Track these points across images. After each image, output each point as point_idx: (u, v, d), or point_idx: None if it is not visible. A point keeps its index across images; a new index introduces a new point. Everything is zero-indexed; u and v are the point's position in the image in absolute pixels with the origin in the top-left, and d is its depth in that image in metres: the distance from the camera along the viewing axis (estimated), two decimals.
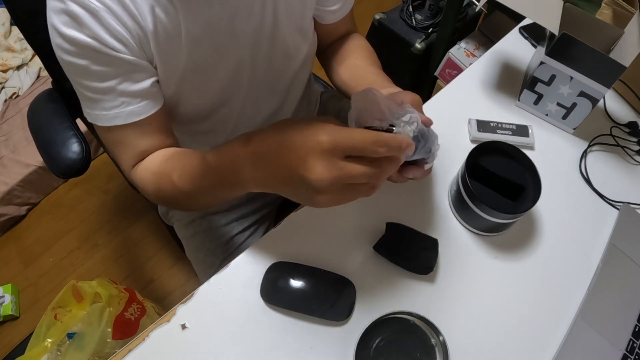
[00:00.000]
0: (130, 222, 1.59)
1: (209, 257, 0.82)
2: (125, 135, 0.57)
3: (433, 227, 0.64)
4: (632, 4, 0.75)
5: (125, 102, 0.54)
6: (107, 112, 0.55)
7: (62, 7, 0.48)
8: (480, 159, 0.62)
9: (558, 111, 0.74)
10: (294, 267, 0.58)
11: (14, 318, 1.42)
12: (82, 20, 0.48)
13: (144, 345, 0.54)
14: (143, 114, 0.56)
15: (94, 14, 0.48)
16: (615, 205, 0.68)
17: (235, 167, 0.47)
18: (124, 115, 0.55)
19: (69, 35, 0.49)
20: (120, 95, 0.54)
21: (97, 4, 0.48)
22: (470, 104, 0.77)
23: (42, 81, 1.73)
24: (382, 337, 0.54)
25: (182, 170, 0.54)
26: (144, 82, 0.55)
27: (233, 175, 0.48)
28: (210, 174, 0.50)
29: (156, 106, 0.57)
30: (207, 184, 0.51)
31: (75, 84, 0.55)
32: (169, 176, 0.55)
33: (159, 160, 0.58)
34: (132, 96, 0.54)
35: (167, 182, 0.55)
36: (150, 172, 0.58)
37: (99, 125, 0.56)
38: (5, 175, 1.52)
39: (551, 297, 0.60)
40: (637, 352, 0.56)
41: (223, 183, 0.50)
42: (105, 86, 0.53)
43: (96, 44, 0.49)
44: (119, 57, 0.51)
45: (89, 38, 0.49)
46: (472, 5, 1.60)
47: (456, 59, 1.49)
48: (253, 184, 0.47)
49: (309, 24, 0.68)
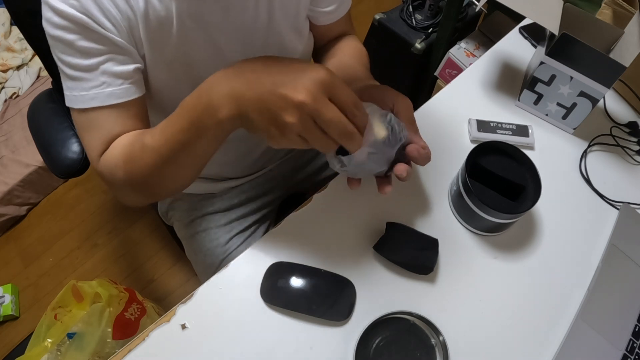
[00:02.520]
0: (130, 222, 1.59)
1: (209, 257, 0.82)
2: (101, 118, 0.55)
3: (433, 227, 0.64)
4: (632, 4, 0.75)
5: (106, 82, 0.53)
6: (87, 92, 0.53)
7: None
8: (480, 159, 0.62)
9: (558, 111, 0.74)
10: (294, 267, 0.58)
11: (14, 318, 1.42)
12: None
13: (144, 345, 0.54)
14: (122, 97, 0.54)
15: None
16: (615, 205, 0.68)
17: (210, 88, 0.45)
18: (103, 97, 0.53)
19: (60, 9, 0.49)
20: (102, 74, 0.53)
21: None
22: (470, 104, 0.77)
23: (42, 81, 1.73)
24: (382, 337, 0.54)
25: (155, 130, 0.51)
26: (128, 65, 0.54)
27: (208, 100, 0.45)
28: (184, 116, 0.48)
29: (137, 93, 0.56)
30: (182, 134, 0.48)
31: (59, 62, 0.54)
32: (141, 141, 0.52)
33: (130, 135, 0.55)
34: (114, 76, 0.53)
35: (139, 150, 0.52)
36: (119, 148, 0.54)
37: (76, 107, 0.55)
38: (5, 175, 1.52)
39: (551, 297, 0.60)
40: (637, 352, 0.56)
41: (200, 123, 0.46)
42: (88, 63, 0.52)
43: (86, 19, 0.49)
44: (106, 36, 0.51)
45: (80, 13, 0.49)
46: (472, 5, 1.60)
47: (456, 59, 1.49)
48: (226, 102, 0.44)
49: (304, 23, 0.68)
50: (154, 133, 0.51)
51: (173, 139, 0.49)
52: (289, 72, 0.42)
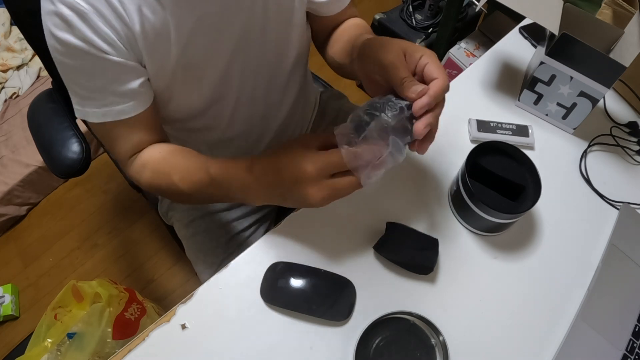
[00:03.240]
0: (130, 222, 1.59)
1: (209, 257, 0.82)
2: (117, 130, 0.59)
3: (433, 227, 0.64)
4: (632, 4, 0.75)
5: (114, 101, 0.56)
6: (97, 109, 0.56)
7: (53, 9, 0.49)
8: (480, 159, 0.62)
9: (558, 111, 0.74)
10: (294, 267, 0.58)
11: (14, 318, 1.42)
12: (71, 23, 0.50)
13: (144, 345, 0.54)
14: (132, 112, 0.57)
15: (83, 16, 0.49)
16: (615, 205, 0.68)
17: (242, 188, 0.54)
18: (113, 114, 0.57)
19: (60, 37, 0.51)
20: (109, 95, 0.55)
21: (85, 6, 0.49)
22: (470, 104, 0.77)
23: (42, 81, 1.73)
24: (382, 337, 0.54)
25: (184, 174, 0.58)
26: (133, 82, 0.56)
27: (239, 193, 0.55)
28: (215, 186, 0.56)
29: (145, 104, 0.59)
30: (210, 192, 0.57)
31: (67, 82, 0.57)
32: (168, 175, 0.59)
33: (157, 157, 0.61)
34: (121, 96, 0.56)
35: (167, 180, 0.59)
36: (148, 170, 0.61)
37: (89, 121, 0.58)
38: (5, 175, 1.52)
39: (551, 297, 0.60)
40: (637, 352, 0.56)
41: (227, 196, 0.57)
42: (95, 85, 0.55)
43: (85, 46, 0.51)
44: (107, 59, 0.52)
45: (79, 40, 0.50)
46: (472, 5, 1.60)
47: (456, 59, 1.49)
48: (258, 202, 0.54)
49: (301, 18, 0.67)
50: (184, 177, 0.58)
51: (201, 191, 0.57)
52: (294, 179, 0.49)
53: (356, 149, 0.46)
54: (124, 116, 0.57)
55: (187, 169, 0.58)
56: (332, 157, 0.47)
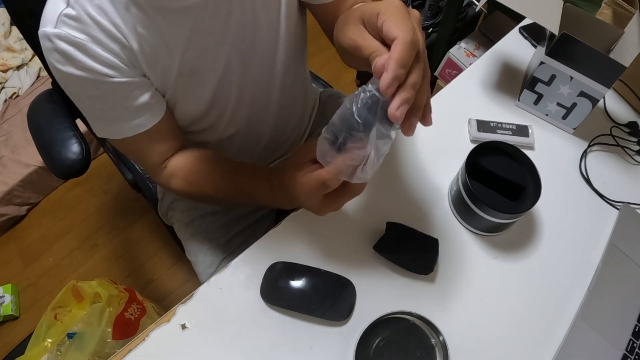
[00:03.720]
0: (130, 222, 1.59)
1: (209, 257, 0.82)
2: (139, 144, 0.61)
3: (433, 227, 0.64)
4: (632, 4, 0.75)
5: (130, 117, 0.58)
6: (115, 127, 0.58)
7: (52, 46, 0.51)
8: (480, 159, 0.62)
9: (558, 111, 0.74)
10: (294, 267, 0.58)
11: (14, 318, 1.42)
12: (71, 56, 0.51)
13: (144, 345, 0.54)
14: (149, 124, 0.59)
15: (80, 47, 0.51)
16: (615, 205, 0.68)
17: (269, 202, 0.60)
18: (132, 128, 0.59)
19: (64, 71, 0.52)
20: (123, 112, 0.57)
21: (81, 36, 0.51)
22: (470, 104, 0.77)
23: (42, 81, 1.73)
24: (382, 337, 0.54)
25: (216, 187, 0.63)
26: (143, 96, 0.57)
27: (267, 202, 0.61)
28: (244, 196, 0.62)
29: (160, 114, 0.61)
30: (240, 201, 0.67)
31: (82, 108, 0.58)
32: (201, 188, 0.64)
33: (185, 167, 0.64)
34: (135, 111, 0.57)
35: (200, 192, 0.65)
36: (178, 179, 0.65)
37: (109, 139, 0.60)
38: (5, 175, 1.52)
39: (551, 297, 0.60)
40: (637, 352, 0.56)
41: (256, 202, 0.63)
42: (108, 107, 0.57)
43: (89, 75, 0.52)
44: (113, 82, 0.54)
45: (81, 71, 0.52)
46: (472, 5, 1.60)
47: (456, 59, 1.49)
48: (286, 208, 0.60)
49: (292, 12, 0.67)
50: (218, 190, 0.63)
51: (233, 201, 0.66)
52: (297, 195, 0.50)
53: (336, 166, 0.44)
54: (143, 129, 0.59)
55: (216, 184, 0.63)
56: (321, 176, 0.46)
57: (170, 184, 0.65)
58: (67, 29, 0.50)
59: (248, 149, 0.81)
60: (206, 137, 0.75)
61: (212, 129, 0.72)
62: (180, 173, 0.64)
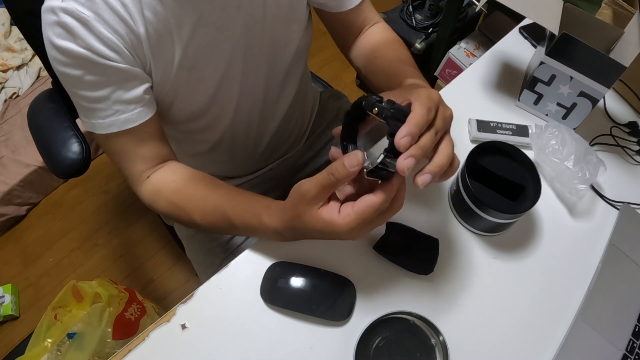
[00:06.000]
0: (130, 222, 1.59)
1: (209, 257, 0.82)
2: (123, 143, 0.59)
3: (433, 227, 0.64)
4: (632, 4, 0.75)
5: (119, 110, 0.56)
6: (103, 120, 0.56)
7: (55, 19, 0.49)
8: (480, 159, 0.62)
9: (558, 111, 0.74)
10: (294, 267, 0.58)
11: (14, 318, 1.42)
12: (74, 31, 0.49)
13: (144, 345, 0.54)
14: (137, 120, 0.57)
15: (85, 23, 0.49)
16: (615, 205, 0.68)
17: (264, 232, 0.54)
18: (119, 123, 0.56)
19: (63, 47, 0.50)
20: (114, 103, 0.55)
21: (88, 13, 0.49)
22: (470, 104, 0.77)
23: (42, 81, 1.73)
24: (382, 337, 0.54)
25: (204, 215, 0.57)
26: (137, 89, 0.56)
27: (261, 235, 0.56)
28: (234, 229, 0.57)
29: (150, 112, 0.59)
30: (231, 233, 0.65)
31: (71, 94, 0.56)
32: (187, 214, 0.58)
33: (171, 187, 0.60)
34: (126, 104, 0.56)
35: (186, 217, 0.59)
36: (163, 199, 0.60)
37: (97, 133, 0.58)
38: (5, 175, 1.52)
39: (551, 297, 0.60)
40: (637, 352, 0.56)
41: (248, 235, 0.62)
42: (99, 95, 0.54)
43: (89, 54, 0.50)
44: (111, 66, 0.52)
45: (82, 48, 0.50)
46: (472, 5, 1.60)
47: (456, 59, 1.49)
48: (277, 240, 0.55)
49: (301, 13, 0.67)
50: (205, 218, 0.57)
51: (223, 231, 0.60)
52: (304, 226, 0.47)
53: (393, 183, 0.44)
54: (130, 125, 0.57)
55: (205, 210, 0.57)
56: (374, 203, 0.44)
57: (156, 203, 0.61)
58: (74, 3, 0.48)
59: (248, 149, 0.81)
60: (206, 136, 0.75)
61: (212, 127, 0.72)
62: (166, 192, 0.60)
